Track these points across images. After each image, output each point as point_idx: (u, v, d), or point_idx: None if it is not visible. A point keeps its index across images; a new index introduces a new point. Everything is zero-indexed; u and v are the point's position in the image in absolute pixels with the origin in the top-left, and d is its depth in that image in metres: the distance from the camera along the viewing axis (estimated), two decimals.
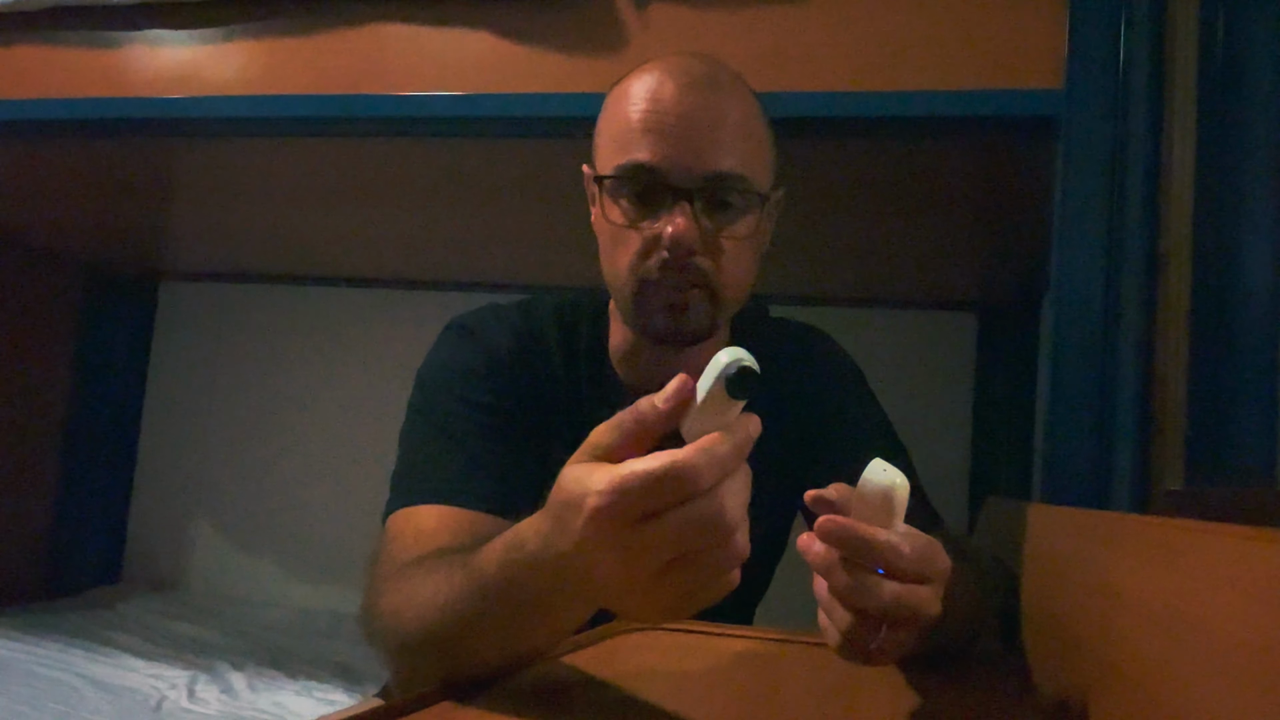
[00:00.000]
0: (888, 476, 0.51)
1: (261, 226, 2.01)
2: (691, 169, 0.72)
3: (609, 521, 0.44)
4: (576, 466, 0.47)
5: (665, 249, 0.73)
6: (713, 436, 0.44)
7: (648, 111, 0.73)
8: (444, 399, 0.79)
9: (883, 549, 0.49)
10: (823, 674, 0.70)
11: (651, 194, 0.74)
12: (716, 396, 0.44)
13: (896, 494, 0.51)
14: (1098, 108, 0.95)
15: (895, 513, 0.51)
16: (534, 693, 0.57)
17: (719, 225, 0.74)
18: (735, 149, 0.73)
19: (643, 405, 0.47)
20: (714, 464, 0.43)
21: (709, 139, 0.72)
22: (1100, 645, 0.52)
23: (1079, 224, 0.95)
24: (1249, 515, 0.69)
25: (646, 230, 0.74)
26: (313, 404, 2.52)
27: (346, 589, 2.32)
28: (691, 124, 0.72)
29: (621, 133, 0.74)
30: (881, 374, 1.00)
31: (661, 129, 0.72)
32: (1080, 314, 0.94)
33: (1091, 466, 0.91)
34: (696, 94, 0.73)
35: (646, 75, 0.75)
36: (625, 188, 0.75)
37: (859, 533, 0.49)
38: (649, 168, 0.73)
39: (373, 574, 0.67)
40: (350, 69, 1.23)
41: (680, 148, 0.72)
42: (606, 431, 0.47)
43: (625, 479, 0.43)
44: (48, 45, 1.34)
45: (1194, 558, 0.37)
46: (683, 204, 0.72)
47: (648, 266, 0.74)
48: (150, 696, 1.64)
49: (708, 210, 0.74)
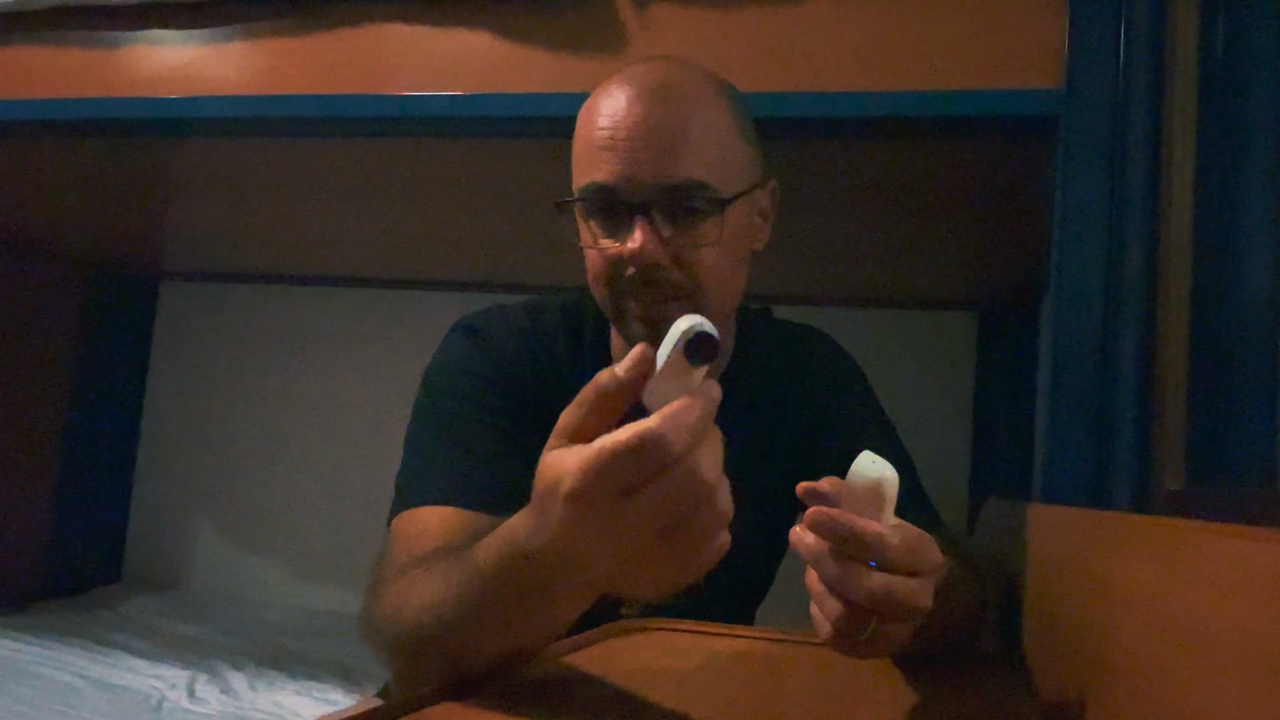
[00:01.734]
0: (876, 469, 0.52)
1: (261, 226, 2.01)
2: (645, 182, 0.71)
3: (587, 503, 0.44)
4: (550, 454, 0.47)
5: (630, 265, 0.72)
6: (677, 403, 0.44)
7: (603, 129, 0.73)
8: (450, 401, 0.79)
9: (871, 540, 0.50)
10: (823, 674, 0.70)
11: (613, 212, 0.74)
12: (676, 364, 0.44)
13: (885, 486, 0.51)
14: (1098, 108, 0.95)
15: (885, 505, 0.52)
16: (534, 693, 0.57)
17: (684, 233, 0.73)
18: (690, 156, 0.72)
19: (602, 377, 0.47)
20: (681, 430, 0.43)
21: (661, 149, 0.71)
22: (1100, 645, 0.52)
23: (1079, 224, 0.95)
24: (1249, 515, 0.69)
25: (611, 249, 0.74)
26: (313, 404, 2.52)
27: (346, 589, 2.32)
28: (640, 137, 0.72)
29: (582, 153, 0.75)
30: (881, 374, 1.00)
31: (614, 146, 0.72)
32: (1080, 314, 0.94)
33: (1091, 466, 0.91)
34: (645, 105, 0.72)
35: (608, 88, 0.75)
36: (588, 209, 0.75)
37: (847, 523, 0.50)
38: (605, 187, 0.72)
39: (374, 576, 0.67)
40: (350, 69, 1.23)
41: (631, 163, 0.71)
42: (570, 411, 0.47)
43: (596, 457, 0.43)
44: (48, 45, 1.34)
45: (1194, 558, 0.37)
46: (639, 219, 0.72)
47: (620, 283, 0.74)
48: (150, 696, 1.64)
49: (670, 220, 0.73)
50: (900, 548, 0.50)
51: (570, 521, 0.45)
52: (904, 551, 0.50)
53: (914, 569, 0.51)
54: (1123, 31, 0.95)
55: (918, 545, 0.52)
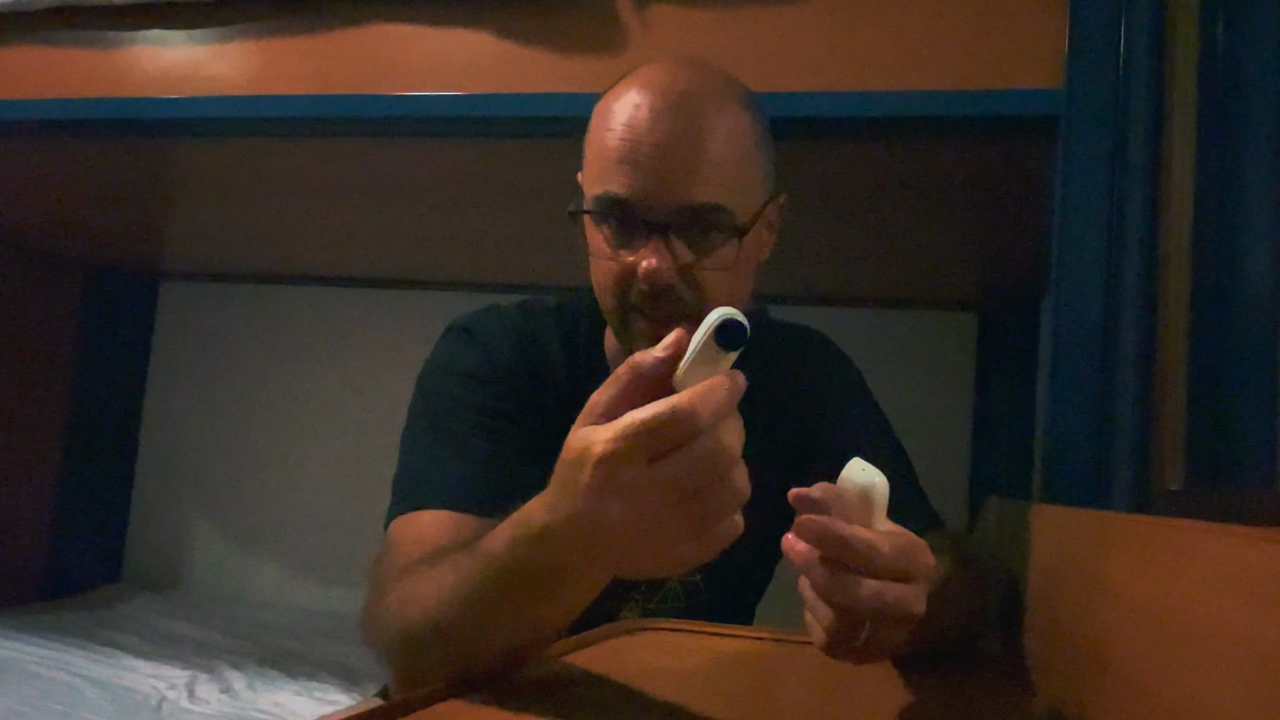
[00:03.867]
0: (866, 476, 0.52)
1: (262, 226, 2.01)
2: (665, 203, 0.70)
3: (616, 466, 0.45)
4: (580, 430, 0.49)
5: (643, 282, 0.72)
6: (707, 381, 0.46)
7: (623, 140, 0.71)
8: (445, 403, 0.79)
9: (860, 546, 0.50)
10: (822, 674, 0.70)
11: (628, 225, 0.73)
12: (708, 348, 0.47)
13: (875, 493, 0.52)
14: (1098, 108, 0.95)
15: (875, 511, 0.52)
16: (535, 692, 0.57)
17: (698, 255, 0.73)
18: (712, 178, 0.71)
19: (637, 356, 0.49)
20: (710, 405, 0.45)
21: (683, 170, 0.70)
22: (1100, 645, 0.52)
23: (1079, 224, 0.95)
24: (1249, 515, 0.69)
25: (625, 260, 0.73)
26: (313, 404, 2.52)
27: (346, 589, 2.32)
28: (665, 155, 0.70)
29: (599, 160, 0.73)
30: (881, 374, 1.00)
31: (635, 160, 0.70)
32: (1080, 314, 0.94)
33: (1091, 466, 0.91)
34: (672, 119, 0.71)
35: (627, 93, 0.73)
36: (602, 219, 0.74)
37: (836, 530, 0.50)
38: (621, 200, 0.71)
39: (374, 579, 0.67)
40: (350, 69, 1.23)
41: (653, 181, 0.70)
42: (603, 390, 0.49)
43: (629, 424, 0.45)
44: (48, 45, 1.34)
45: (1194, 558, 0.37)
46: (655, 239, 0.71)
47: (629, 295, 0.74)
48: (150, 696, 1.64)
49: (686, 241, 0.72)
50: (891, 554, 0.50)
51: (596, 486, 0.46)
52: (895, 557, 0.50)
53: (906, 575, 0.51)
54: (1123, 31, 0.95)
55: (909, 550, 0.52)
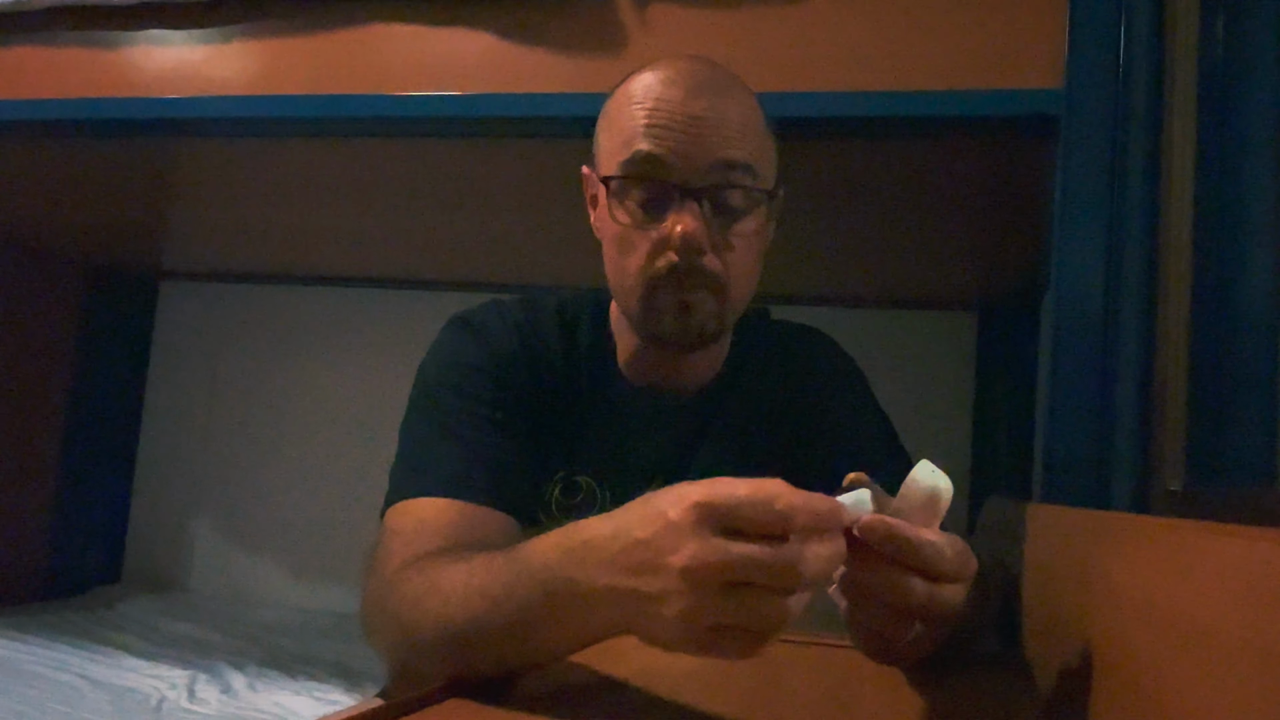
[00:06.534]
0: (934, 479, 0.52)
1: (261, 226, 2.01)
2: (698, 162, 0.72)
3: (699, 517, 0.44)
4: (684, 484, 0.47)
5: (674, 250, 0.73)
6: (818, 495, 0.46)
7: (653, 109, 0.73)
8: (444, 393, 0.79)
9: (929, 551, 0.50)
10: (823, 674, 0.70)
11: (658, 196, 0.74)
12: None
13: (942, 496, 0.51)
14: (1098, 108, 0.95)
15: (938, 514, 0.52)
16: (535, 692, 0.57)
17: (726, 224, 0.75)
18: (740, 139, 0.74)
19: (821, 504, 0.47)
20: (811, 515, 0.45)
21: (715, 129, 0.73)
22: (1100, 645, 0.52)
23: (1079, 224, 0.95)
24: (1249, 515, 0.69)
25: (654, 232, 0.74)
26: (313, 404, 2.52)
27: (346, 589, 2.32)
28: (695, 118, 0.73)
29: (626, 130, 0.75)
30: (881, 374, 1.00)
31: (669, 124, 0.73)
32: (1080, 314, 0.94)
33: (1091, 466, 0.91)
34: (699, 88, 0.74)
35: (648, 76, 0.75)
36: (632, 188, 0.75)
37: (906, 533, 0.49)
38: (656, 159, 0.73)
39: (373, 567, 0.67)
40: (350, 69, 1.23)
41: (687, 141, 0.72)
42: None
43: (728, 486, 0.45)
44: (48, 45, 1.34)
45: (1194, 558, 0.37)
46: (690, 203, 0.73)
47: (656, 268, 0.74)
48: (150, 696, 1.64)
49: (715, 209, 0.74)
50: (954, 559, 0.51)
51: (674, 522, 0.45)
52: (957, 563, 0.51)
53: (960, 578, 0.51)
54: (1123, 31, 0.95)
55: (966, 555, 0.52)
